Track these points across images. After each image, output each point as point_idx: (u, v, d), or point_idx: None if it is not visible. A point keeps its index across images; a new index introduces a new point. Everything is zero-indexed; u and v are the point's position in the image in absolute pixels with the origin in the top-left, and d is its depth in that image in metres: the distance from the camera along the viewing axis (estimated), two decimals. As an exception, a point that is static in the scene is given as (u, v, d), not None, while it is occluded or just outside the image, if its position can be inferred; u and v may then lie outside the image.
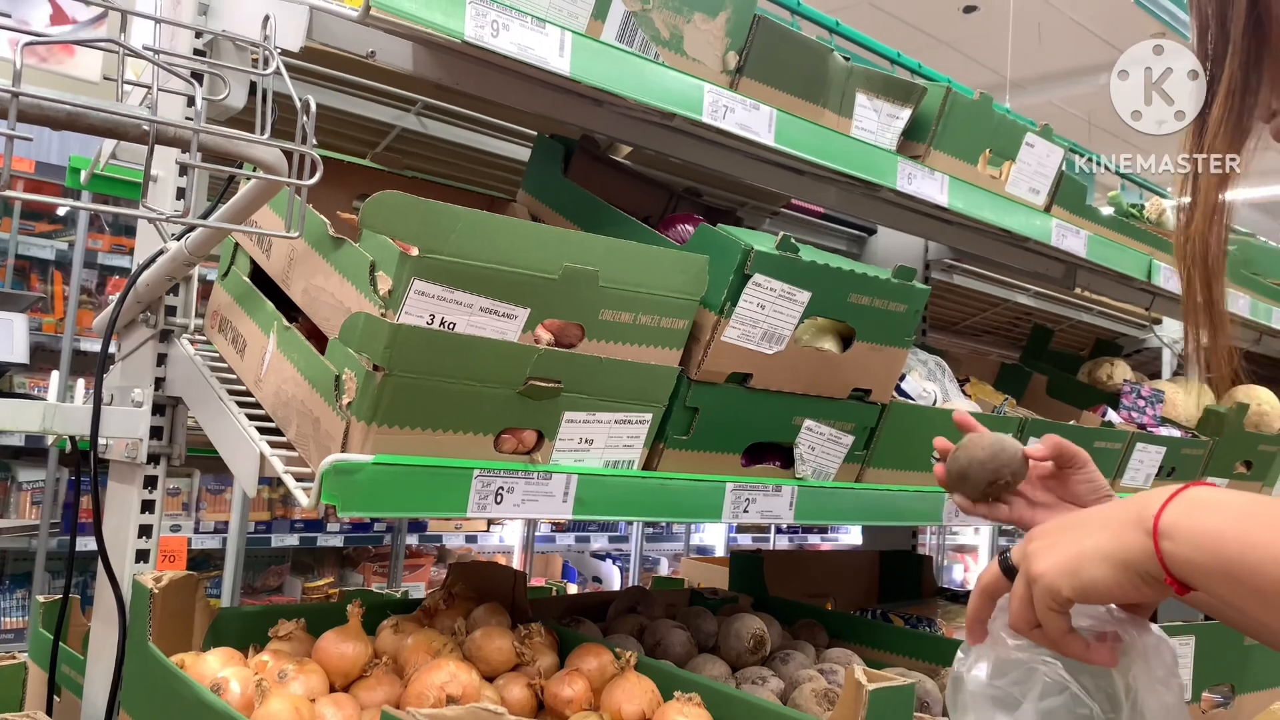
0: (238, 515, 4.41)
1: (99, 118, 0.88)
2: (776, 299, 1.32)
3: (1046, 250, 2.04)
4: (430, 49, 1.26)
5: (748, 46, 1.43)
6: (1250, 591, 0.70)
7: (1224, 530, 0.71)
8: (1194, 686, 1.60)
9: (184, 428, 1.38)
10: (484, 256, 1.08)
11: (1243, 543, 0.70)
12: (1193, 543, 0.72)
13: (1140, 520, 0.75)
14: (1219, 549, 0.71)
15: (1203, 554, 0.72)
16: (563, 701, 1.26)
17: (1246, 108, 0.85)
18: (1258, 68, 0.84)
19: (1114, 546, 0.77)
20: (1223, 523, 0.71)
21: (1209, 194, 0.88)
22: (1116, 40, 7.67)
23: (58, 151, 4.21)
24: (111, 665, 1.28)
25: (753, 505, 1.38)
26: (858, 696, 1.11)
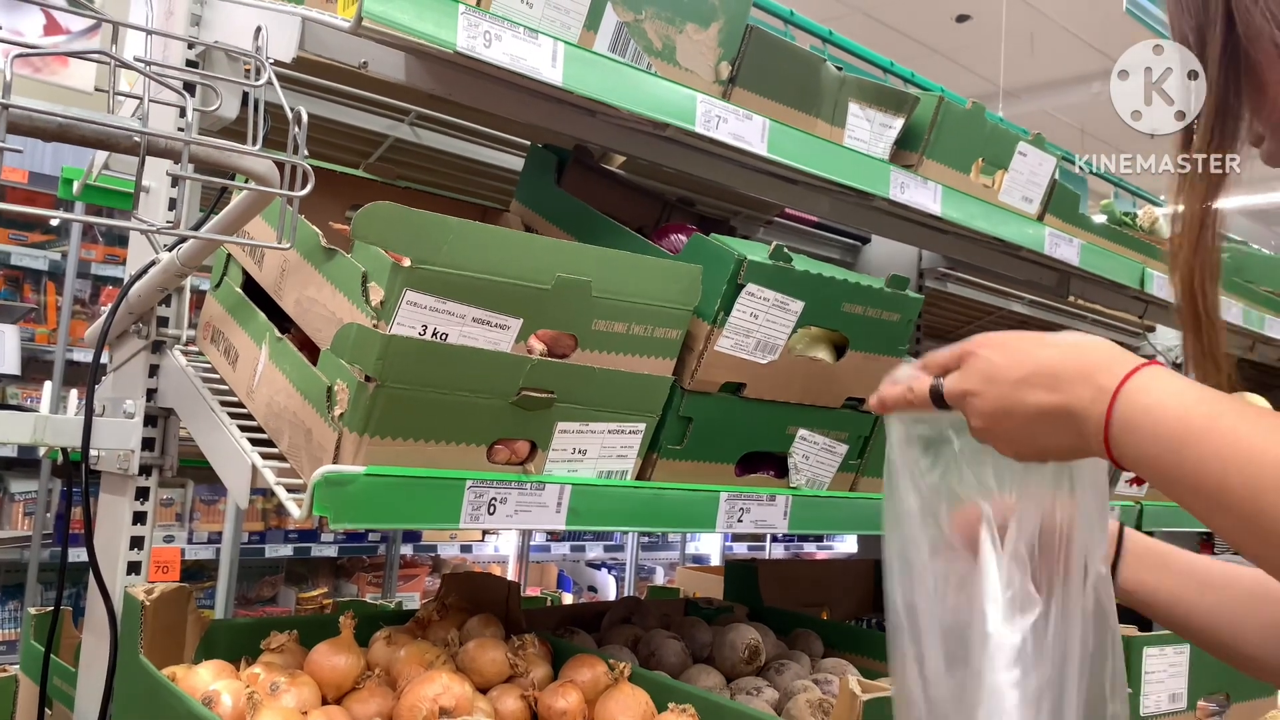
0: (231, 526, 4.40)
1: (89, 129, 0.88)
2: (770, 308, 1.32)
3: (1040, 259, 2.04)
4: (423, 59, 1.26)
5: (740, 57, 1.43)
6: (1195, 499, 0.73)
7: (1163, 457, 0.73)
8: (1189, 695, 1.60)
9: (176, 439, 1.38)
10: (476, 267, 1.08)
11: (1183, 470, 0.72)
12: (1140, 463, 0.75)
13: (1090, 434, 0.77)
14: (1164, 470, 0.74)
15: (1149, 471, 0.75)
16: (556, 713, 1.26)
17: (1228, 133, 0.86)
18: (1238, 94, 0.84)
19: (1072, 446, 0.79)
20: (1160, 449, 0.73)
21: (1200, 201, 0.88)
22: (1109, 49, 7.70)
23: (50, 162, 4.20)
24: (103, 678, 1.27)
25: (747, 515, 1.38)
26: (852, 707, 1.10)
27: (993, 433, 0.84)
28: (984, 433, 0.84)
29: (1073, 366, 0.79)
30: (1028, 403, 0.80)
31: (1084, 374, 0.78)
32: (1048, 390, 0.79)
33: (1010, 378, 0.82)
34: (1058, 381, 0.79)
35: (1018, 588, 0.85)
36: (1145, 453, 0.75)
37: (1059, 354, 0.81)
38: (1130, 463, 0.76)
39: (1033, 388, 0.80)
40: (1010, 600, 0.85)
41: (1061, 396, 0.79)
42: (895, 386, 0.93)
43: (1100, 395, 0.76)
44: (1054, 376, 0.80)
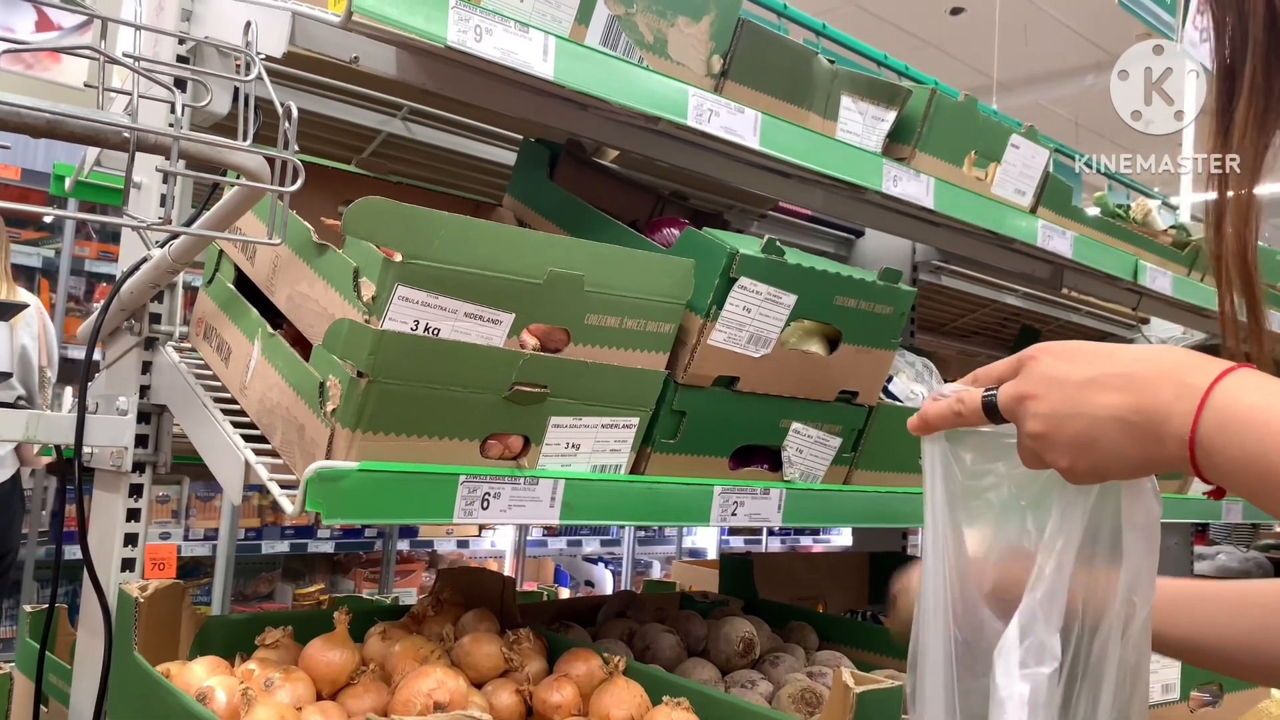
0: (227, 522, 4.40)
1: (79, 125, 0.88)
2: (763, 302, 1.32)
3: (1033, 251, 2.05)
4: (414, 54, 1.26)
5: (732, 50, 1.43)
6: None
7: (1268, 452, 0.67)
8: (1182, 685, 1.60)
9: (169, 435, 1.38)
10: (468, 262, 1.07)
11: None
12: (1234, 464, 0.69)
13: (1171, 437, 0.71)
14: (1265, 473, 0.67)
15: (1246, 474, 0.69)
16: (551, 707, 1.26)
17: (1271, 105, 0.82)
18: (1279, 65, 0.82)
19: (1142, 458, 0.73)
20: (1266, 443, 0.67)
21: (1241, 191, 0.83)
22: (1102, 42, 7.70)
23: (43, 159, 4.20)
24: (98, 675, 1.27)
25: (741, 508, 1.38)
26: (845, 699, 1.11)
27: (1051, 440, 0.76)
28: (1041, 440, 0.77)
29: (1151, 368, 0.73)
30: (1097, 403, 0.74)
31: (1165, 374, 0.72)
32: (1122, 391, 0.73)
33: (1076, 379, 0.75)
34: (1133, 382, 0.73)
35: (1038, 637, 0.80)
36: (1244, 451, 0.68)
37: (1133, 356, 0.75)
38: (1221, 465, 0.69)
39: (1104, 389, 0.74)
40: (1027, 650, 0.79)
41: (1139, 397, 0.72)
42: (940, 401, 0.85)
43: (1188, 392, 0.70)
44: (1129, 377, 0.73)
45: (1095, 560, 0.81)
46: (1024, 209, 1.95)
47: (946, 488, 0.87)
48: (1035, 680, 0.79)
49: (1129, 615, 0.80)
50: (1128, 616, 0.80)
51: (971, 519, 0.87)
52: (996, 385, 0.82)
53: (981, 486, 0.86)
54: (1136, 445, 0.73)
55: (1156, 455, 0.72)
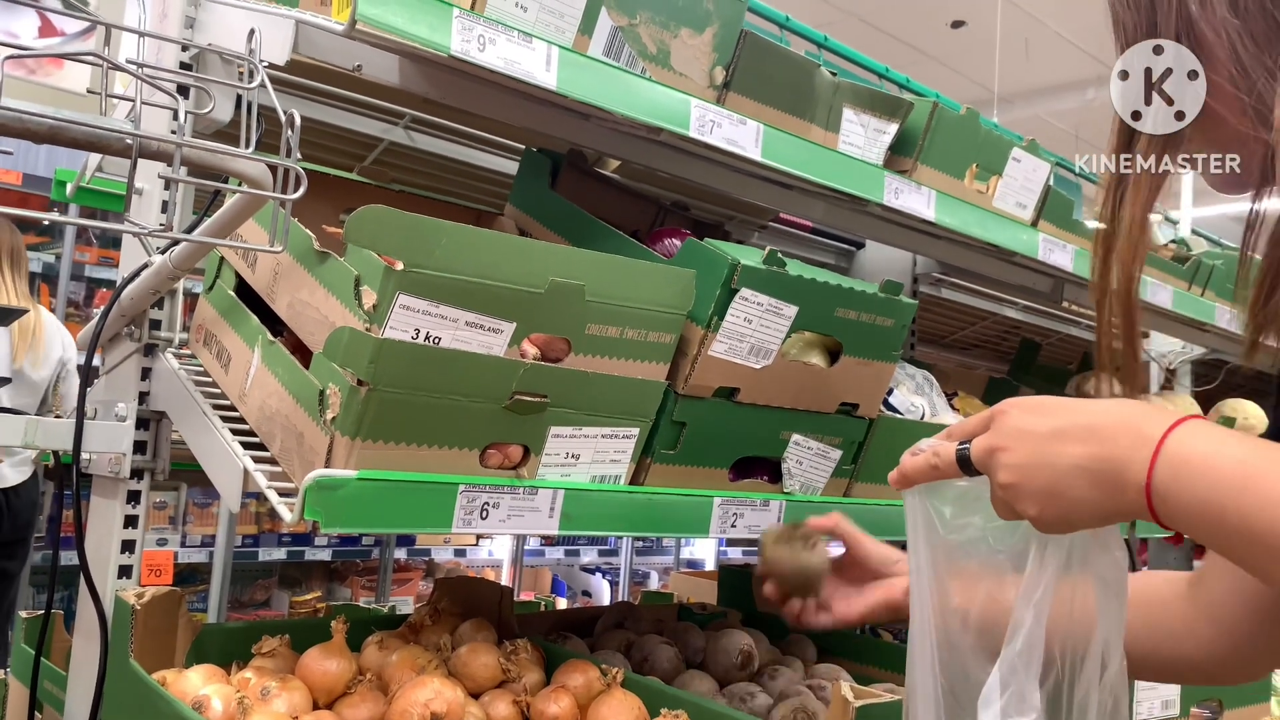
0: (224, 529, 4.39)
1: (81, 131, 0.88)
2: (763, 313, 1.32)
3: (1034, 264, 2.05)
4: (417, 63, 1.26)
5: (735, 61, 1.43)
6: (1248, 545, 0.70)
7: (1218, 499, 0.70)
8: (1182, 702, 1.60)
9: (168, 442, 1.37)
10: (469, 270, 1.07)
11: (1240, 510, 0.69)
12: (1188, 510, 0.72)
13: (1130, 484, 0.74)
14: (1216, 520, 0.71)
15: (1199, 521, 0.72)
16: (548, 718, 1.25)
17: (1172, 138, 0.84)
18: None
19: (1105, 505, 0.76)
20: (1217, 490, 0.70)
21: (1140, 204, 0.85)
22: (1104, 55, 7.69)
23: (44, 164, 4.20)
24: (93, 682, 1.26)
25: (740, 520, 1.38)
26: (845, 713, 1.10)
27: (1020, 490, 0.79)
28: (1011, 490, 0.80)
29: (1112, 420, 0.77)
30: (1062, 454, 0.77)
31: (1124, 425, 0.76)
32: (1084, 442, 0.77)
33: (1043, 431, 0.79)
34: (1095, 433, 0.77)
35: (1018, 688, 0.82)
36: (1195, 498, 0.71)
37: (1096, 409, 0.79)
38: (1175, 510, 0.73)
39: (1069, 440, 0.77)
40: (1008, 700, 0.82)
41: (1099, 447, 0.76)
42: (917, 456, 0.90)
43: (1144, 443, 0.74)
44: (1091, 429, 0.77)
45: (1073, 607, 0.84)
46: (1025, 222, 1.95)
47: (928, 540, 0.90)
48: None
49: (1105, 664, 0.83)
50: (1104, 665, 0.83)
51: (954, 570, 0.90)
52: (969, 440, 0.85)
53: (962, 539, 0.90)
54: (1099, 493, 0.76)
55: (1118, 502, 0.76)
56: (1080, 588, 0.84)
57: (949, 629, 0.89)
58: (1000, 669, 0.83)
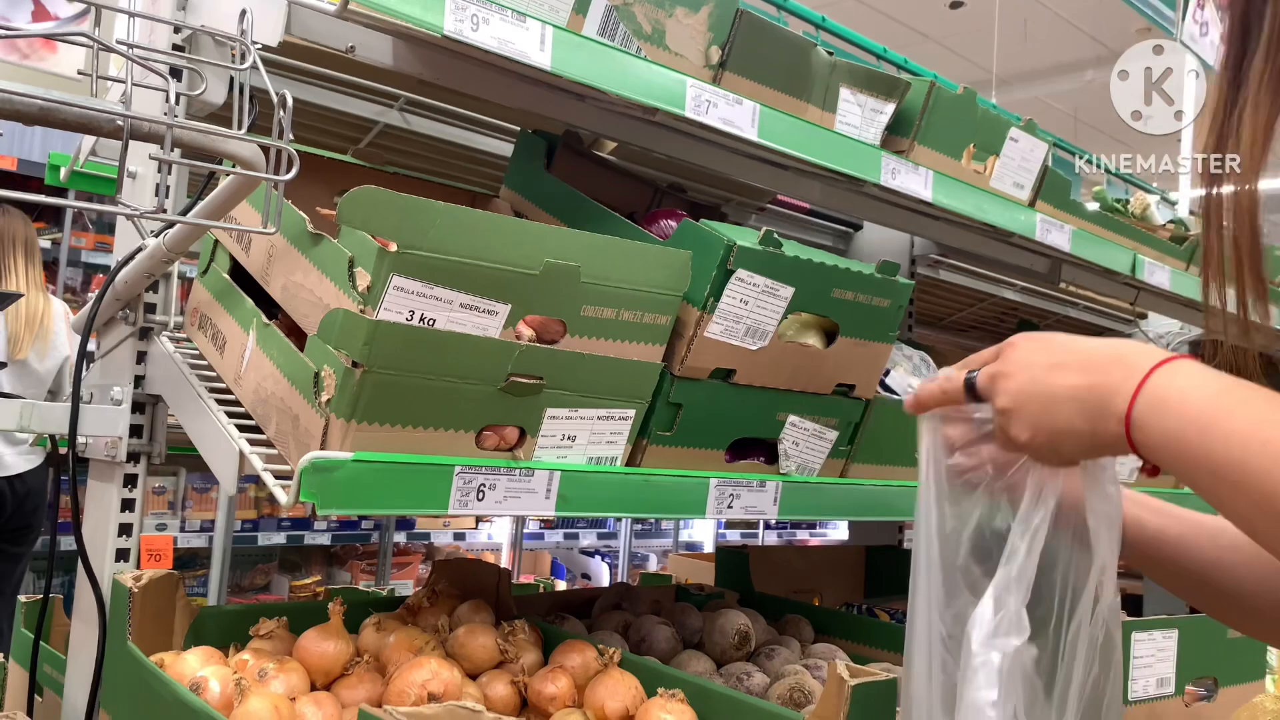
0: (223, 514, 4.39)
1: (72, 113, 0.87)
2: (759, 294, 1.32)
3: (1031, 245, 2.05)
4: (410, 44, 1.25)
5: (730, 41, 1.42)
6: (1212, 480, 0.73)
7: (1186, 433, 0.74)
8: (1177, 680, 1.60)
9: (164, 426, 1.37)
10: (464, 252, 1.07)
11: (1205, 445, 0.73)
12: (1161, 442, 0.76)
13: (1113, 411, 0.78)
14: (1183, 453, 0.74)
15: (1169, 452, 0.75)
16: (546, 699, 1.26)
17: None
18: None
19: (1090, 433, 0.80)
20: (1185, 425, 0.74)
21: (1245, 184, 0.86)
22: (1102, 36, 7.69)
23: (39, 150, 4.19)
24: (92, 665, 1.27)
25: (737, 501, 1.38)
26: (840, 691, 1.11)
27: (1015, 414, 0.84)
28: (1007, 415, 0.85)
29: (1108, 354, 0.81)
30: (1057, 383, 0.82)
31: (1118, 359, 0.80)
32: (1079, 373, 0.81)
33: (1044, 362, 0.84)
34: (1090, 365, 0.81)
35: (1010, 611, 0.85)
36: (1168, 430, 0.75)
37: (1096, 345, 0.83)
38: (1151, 442, 0.76)
39: (1065, 370, 0.82)
40: (999, 622, 0.85)
41: (1092, 378, 0.80)
42: (930, 384, 0.94)
43: (1132, 374, 0.78)
44: (1088, 361, 0.81)
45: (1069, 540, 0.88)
46: (1022, 203, 1.94)
47: (935, 464, 0.94)
48: (1006, 650, 0.84)
49: (1098, 597, 0.87)
50: (1097, 598, 0.87)
51: (956, 496, 0.93)
52: (980, 368, 0.90)
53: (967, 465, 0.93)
54: (1086, 422, 0.80)
55: (1102, 432, 0.79)
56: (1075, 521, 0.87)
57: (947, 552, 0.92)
58: (994, 590, 0.86)
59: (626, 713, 1.22)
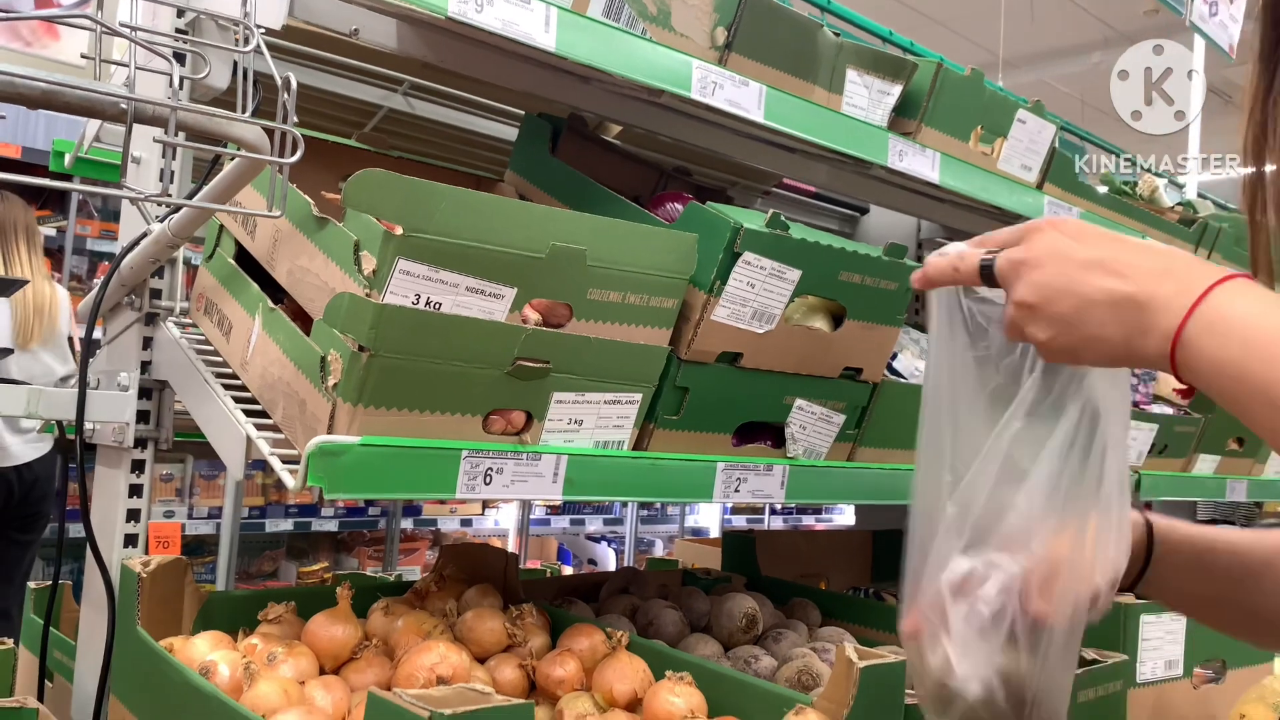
0: (231, 500, 4.41)
1: (75, 95, 0.87)
2: (767, 277, 1.31)
3: (1039, 228, 2.03)
4: (414, 26, 1.25)
5: (736, 22, 1.41)
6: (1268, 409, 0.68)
7: (1248, 359, 0.69)
8: (1185, 663, 1.60)
9: (171, 411, 1.37)
10: (470, 235, 1.07)
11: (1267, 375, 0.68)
12: (1215, 364, 0.70)
13: (1158, 327, 0.72)
14: (1242, 376, 0.69)
15: (1223, 376, 0.70)
16: (554, 682, 1.26)
17: None
18: None
19: (1123, 345, 0.74)
20: (1248, 351, 0.69)
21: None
22: (1109, 18, 7.64)
23: (44, 136, 4.19)
24: (101, 650, 1.27)
25: (744, 485, 1.38)
26: (849, 674, 1.11)
27: (1038, 312, 0.77)
28: (1027, 310, 0.78)
29: (1156, 262, 0.74)
30: (1094, 284, 0.75)
31: (1170, 269, 0.74)
32: (1122, 278, 0.74)
33: (1080, 257, 0.76)
34: (1135, 271, 0.74)
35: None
36: (1226, 355, 0.70)
37: (1139, 248, 0.76)
38: (1199, 364, 0.71)
39: (1105, 272, 0.75)
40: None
41: (1137, 286, 0.73)
42: (942, 259, 0.86)
43: (1185, 290, 0.72)
44: (1132, 265, 0.74)
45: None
46: (1030, 185, 1.93)
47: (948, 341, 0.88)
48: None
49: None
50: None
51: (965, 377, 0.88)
52: (999, 250, 0.82)
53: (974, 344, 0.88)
54: (1121, 331, 0.74)
55: (1137, 346, 0.74)
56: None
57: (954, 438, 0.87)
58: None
59: (635, 695, 1.22)
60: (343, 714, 1.16)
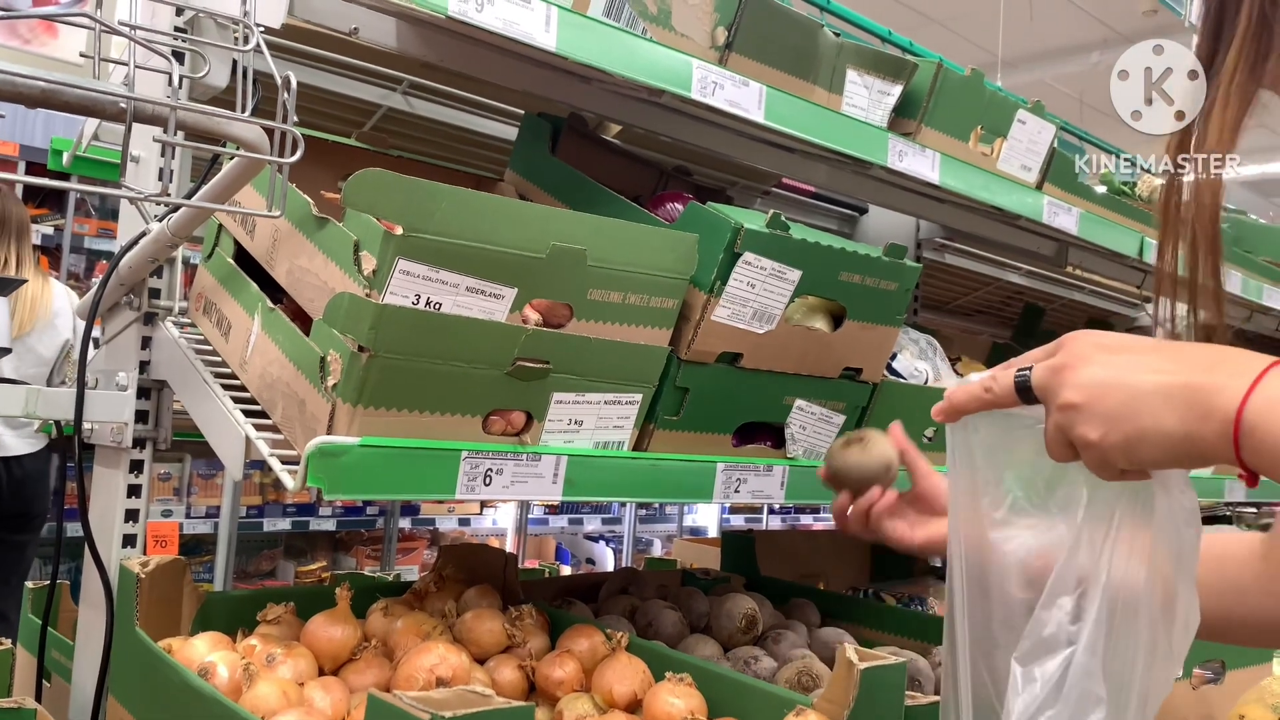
0: (229, 500, 4.40)
1: (74, 95, 0.87)
2: (767, 277, 1.31)
3: (1038, 228, 2.04)
4: (414, 25, 1.25)
5: (736, 22, 1.41)
6: None
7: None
8: (1185, 664, 1.60)
9: (170, 411, 1.37)
10: (470, 235, 1.06)
11: None
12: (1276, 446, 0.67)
13: (1217, 411, 0.69)
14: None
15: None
16: (554, 683, 1.26)
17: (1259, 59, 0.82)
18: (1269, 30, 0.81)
19: (1182, 435, 0.71)
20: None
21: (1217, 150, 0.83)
22: (1108, 18, 7.64)
23: (42, 135, 4.18)
24: (100, 650, 1.27)
25: (744, 485, 1.38)
26: (849, 675, 1.10)
27: (1086, 411, 0.73)
28: (1074, 411, 0.74)
29: (1205, 352, 0.72)
30: (1142, 376, 0.72)
31: (1221, 358, 0.71)
32: (1170, 369, 0.72)
33: (1123, 355, 0.74)
34: (1185, 361, 0.72)
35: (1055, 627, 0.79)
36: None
37: (1184, 344, 0.75)
38: (1263, 445, 0.68)
39: (1151, 364, 0.72)
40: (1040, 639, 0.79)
41: (1188, 376, 0.71)
42: (966, 386, 0.84)
43: (1241, 373, 0.69)
44: (1179, 356, 0.72)
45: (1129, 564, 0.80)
46: (1030, 185, 1.93)
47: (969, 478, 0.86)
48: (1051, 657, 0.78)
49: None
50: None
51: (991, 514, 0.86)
52: (1029, 366, 0.80)
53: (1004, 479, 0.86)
54: (1178, 419, 0.70)
55: (1199, 434, 0.70)
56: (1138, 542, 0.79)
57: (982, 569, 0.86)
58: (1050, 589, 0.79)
59: (634, 696, 1.22)
60: (342, 715, 1.16)
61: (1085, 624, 0.78)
